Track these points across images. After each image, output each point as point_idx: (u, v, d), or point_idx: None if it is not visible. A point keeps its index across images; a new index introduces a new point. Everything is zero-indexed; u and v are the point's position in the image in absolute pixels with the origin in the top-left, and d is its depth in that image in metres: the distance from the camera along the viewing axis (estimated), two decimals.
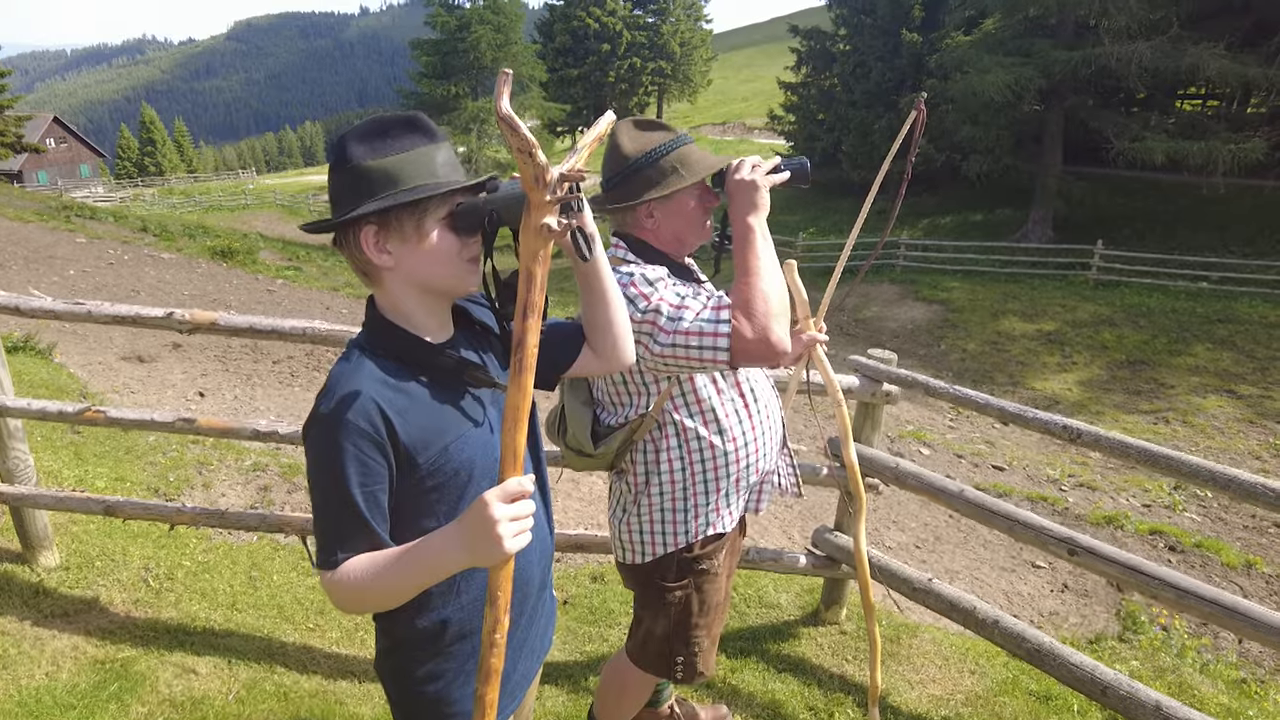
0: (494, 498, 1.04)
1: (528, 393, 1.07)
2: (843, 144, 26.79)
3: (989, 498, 2.47)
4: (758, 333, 1.51)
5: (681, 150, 1.70)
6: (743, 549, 3.00)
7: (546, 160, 1.00)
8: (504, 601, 1.08)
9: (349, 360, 1.20)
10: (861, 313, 18.58)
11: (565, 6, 47.33)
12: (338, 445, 1.12)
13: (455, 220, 1.19)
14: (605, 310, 1.36)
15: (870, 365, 2.73)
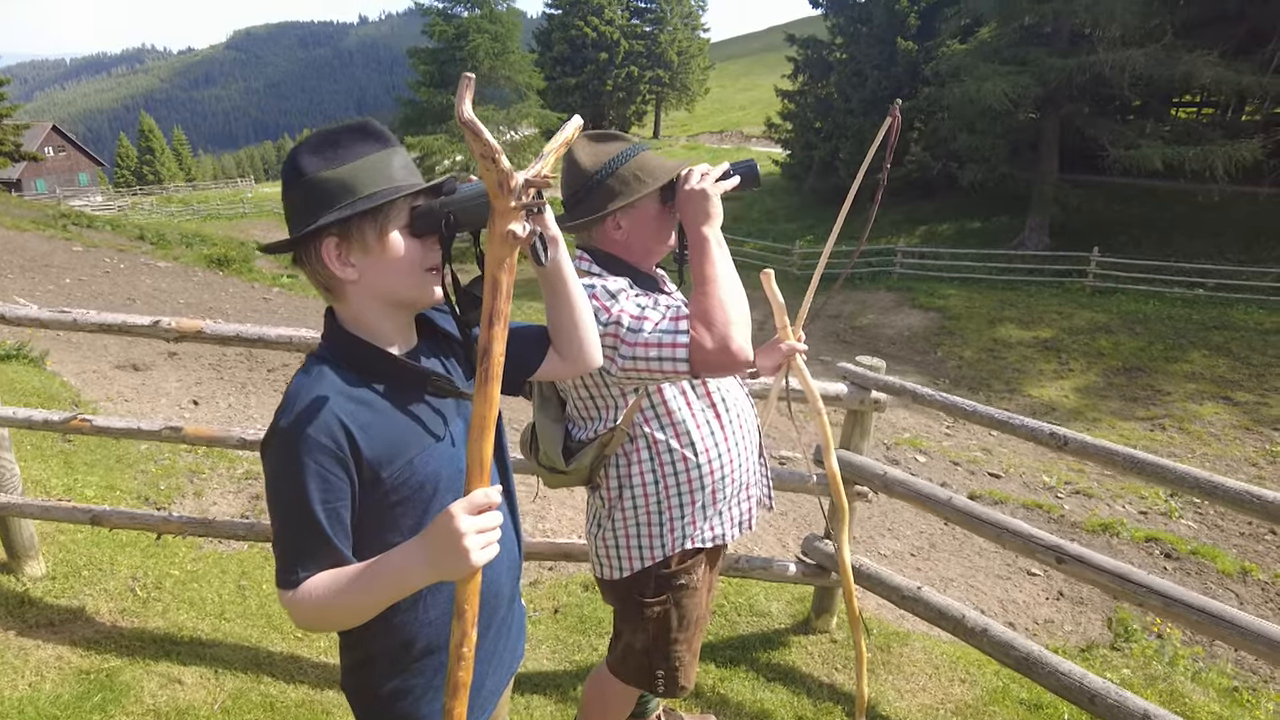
0: (460, 510, 1.02)
1: (494, 402, 1.05)
2: (840, 151, 26.87)
3: (977, 505, 2.46)
4: (717, 342, 1.48)
5: (639, 158, 1.70)
6: (732, 557, 2.99)
7: (511, 166, 0.99)
8: (471, 615, 1.06)
9: (309, 373, 1.17)
10: (858, 320, 18.59)
11: (563, 15, 47.56)
12: (298, 461, 1.10)
13: (414, 223, 1.17)
14: (570, 313, 1.34)
15: (858, 372, 2.72)
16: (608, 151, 1.69)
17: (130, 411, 6.79)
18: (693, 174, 1.63)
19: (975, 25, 22.45)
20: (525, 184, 1.01)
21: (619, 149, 1.69)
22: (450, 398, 1.26)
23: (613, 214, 1.69)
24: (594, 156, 1.69)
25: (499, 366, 1.05)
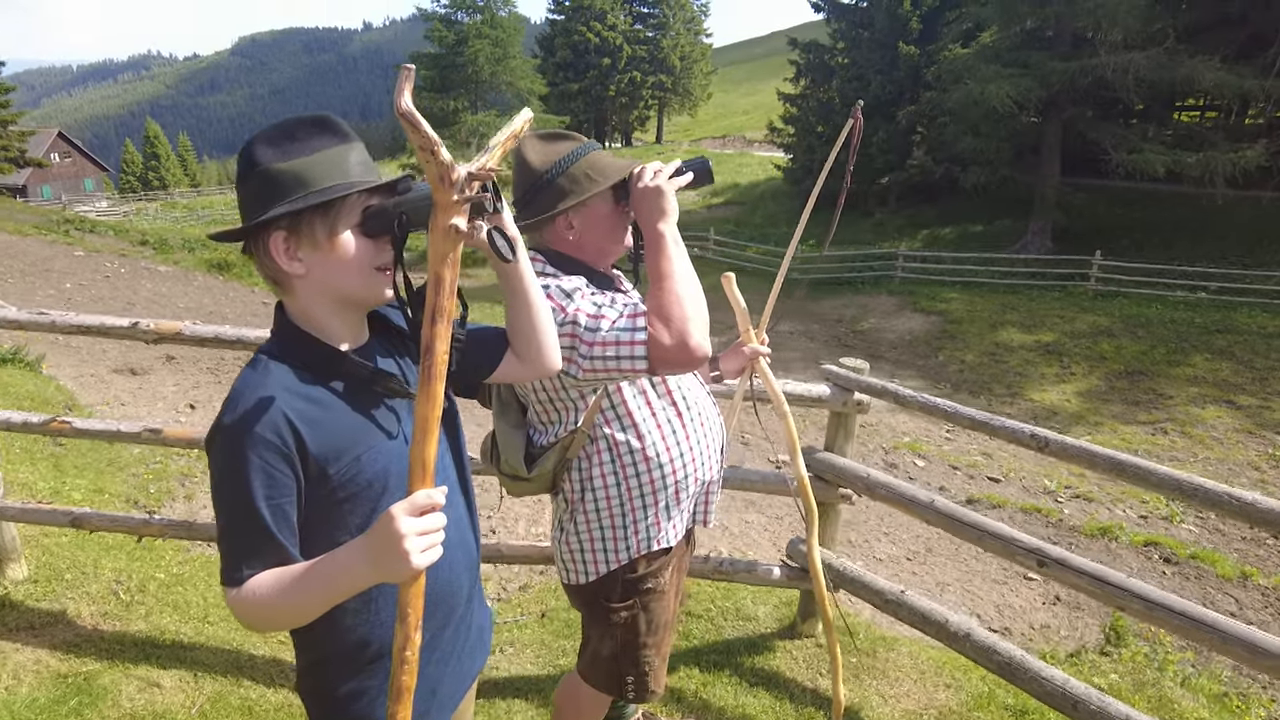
0: (401, 511, 1.00)
1: (437, 401, 1.03)
2: None
3: (959, 509, 2.43)
4: (675, 338, 1.46)
5: (590, 156, 1.68)
6: (716, 559, 2.97)
7: (452, 159, 0.98)
8: (414, 619, 1.05)
9: (255, 368, 1.16)
10: (859, 324, 18.56)
11: (566, 21, 47.71)
12: (242, 457, 1.08)
13: (365, 223, 1.16)
14: (529, 314, 1.33)
15: (841, 374, 2.70)
16: (558, 151, 1.67)
17: (126, 415, 6.79)
18: (645, 171, 1.61)
19: (977, 29, 22.45)
20: (468, 177, 0.99)
21: (569, 148, 1.67)
22: (397, 398, 1.25)
23: (564, 214, 1.67)
24: (543, 156, 1.67)
25: (443, 365, 1.03)
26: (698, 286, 1.53)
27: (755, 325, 2.06)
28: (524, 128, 1.10)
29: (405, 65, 0.93)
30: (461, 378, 1.42)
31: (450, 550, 1.31)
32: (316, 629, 1.23)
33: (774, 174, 32.37)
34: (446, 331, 1.02)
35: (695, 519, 1.92)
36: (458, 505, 1.37)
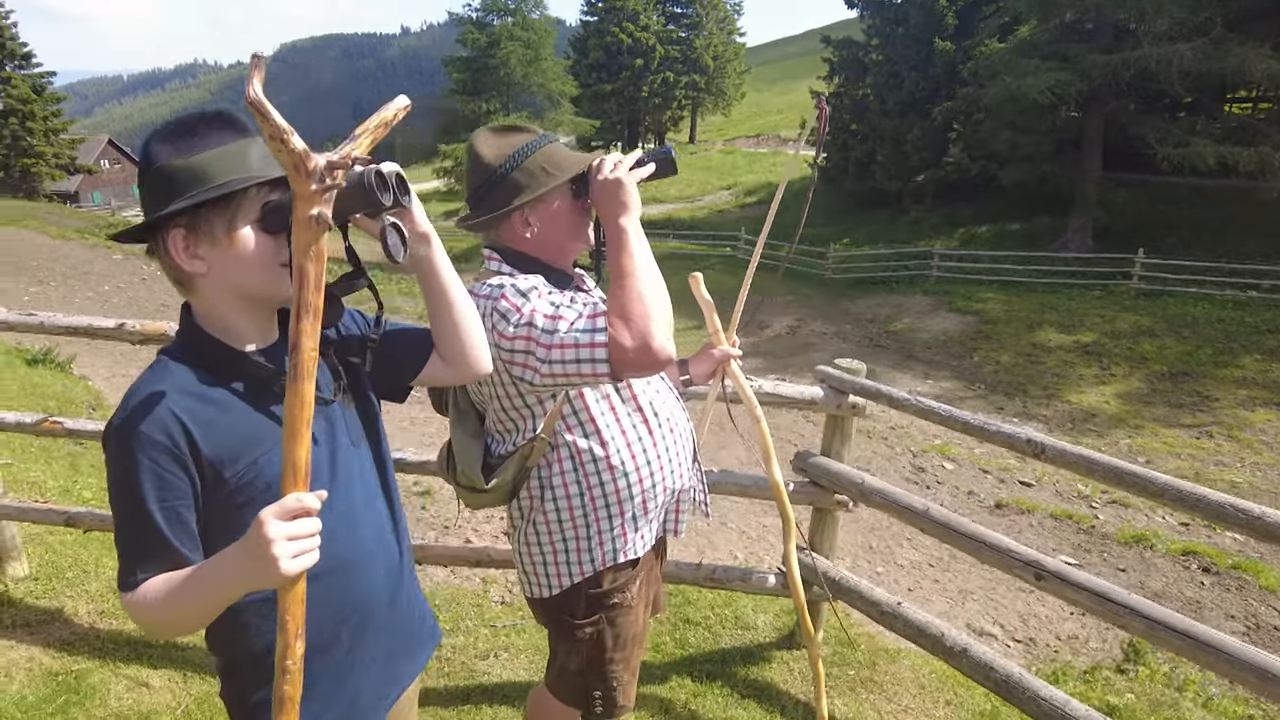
0: (270, 516, 0.96)
1: (306, 401, 0.99)
2: (877, 154, 26.48)
3: (956, 517, 2.31)
4: (636, 339, 1.36)
5: (547, 149, 1.59)
6: (709, 567, 2.88)
7: (305, 146, 0.93)
8: (293, 626, 1.00)
9: (154, 369, 1.13)
10: (892, 324, 18.27)
11: (599, 22, 47.79)
12: (132, 458, 1.05)
13: (264, 219, 1.12)
14: (448, 314, 1.29)
15: (835, 375, 2.59)
16: (512, 144, 1.59)
17: None
18: (604, 163, 1.52)
19: (1014, 23, 21.93)
20: (328, 166, 0.94)
21: (524, 140, 1.59)
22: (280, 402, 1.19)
23: (520, 210, 1.59)
24: (497, 150, 1.59)
25: (310, 363, 0.98)
26: (661, 284, 1.44)
27: (725, 326, 1.97)
28: (397, 115, 1.05)
29: (256, 54, 0.89)
30: (384, 380, 1.37)
31: (368, 556, 1.26)
32: (225, 634, 1.20)
33: (807, 172, 32.02)
34: (314, 328, 0.98)
35: (665, 529, 1.83)
36: (378, 511, 1.32)
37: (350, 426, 1.29)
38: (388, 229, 1.12)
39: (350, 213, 1.10)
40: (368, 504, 1.29)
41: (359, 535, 1.25)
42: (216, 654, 1.26)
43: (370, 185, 1.04)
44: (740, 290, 2.02)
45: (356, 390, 1.33)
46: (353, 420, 1.30)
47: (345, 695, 1.28)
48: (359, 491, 1.27)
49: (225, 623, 1.16)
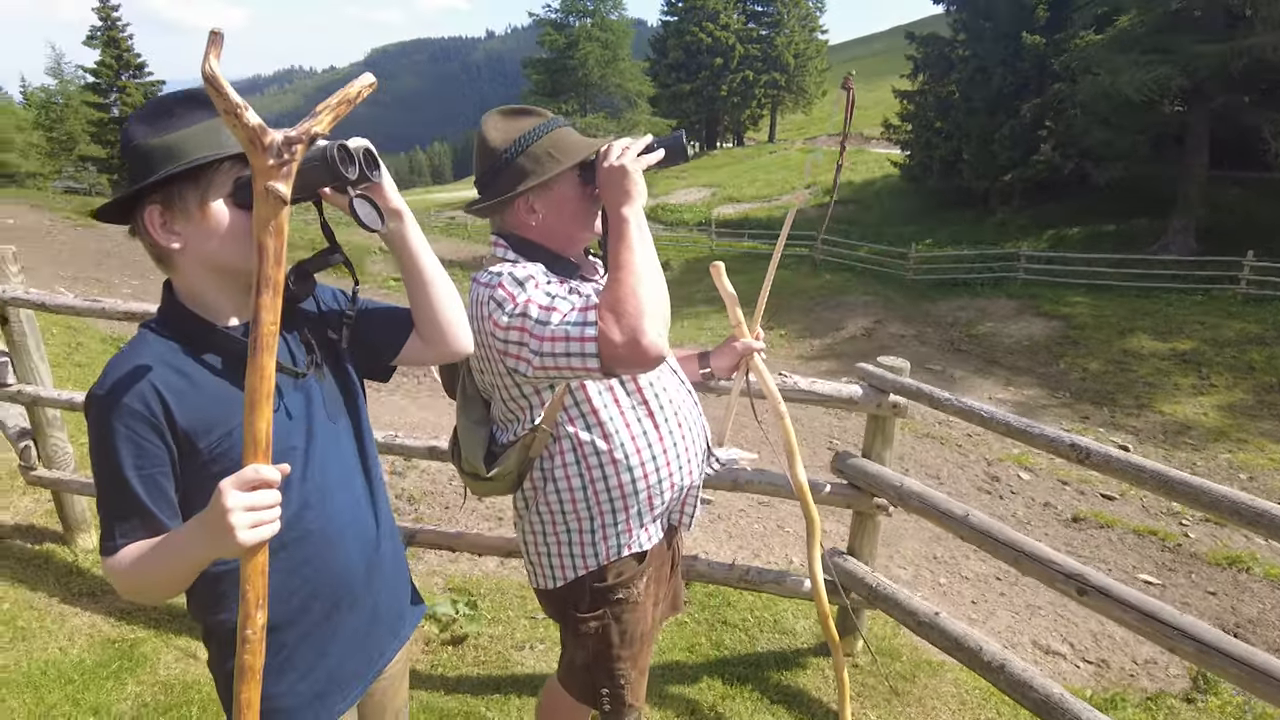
0: (229, 486, 0.97)
1: (265, 374, 0.99)
2: (963, 152, 25.57)
3: (995, 523, 2.18)
4: (626, 335, 1.32)
5: (555, 134, 1.55)
6: (742, 568, 2.81)
7: (259, 121, 0.93)
8: (253, 596, 1.01)
9: (134, 342, 1.15)
10: (975, 328, 17.59)
11: (678, 22, 47.81)
12: (110, 427, 1.07)
13: (236, 193, 1.13)
14: (423, 292, 1.29)
15: (876, 374, 2.48)
16: (519, 128, 1.55)
17: None
18: (612, 149, 1.47)
19: (1113, 14, 20.78)
20: (285, 141, 0.94)
21: (532, 124, 1.55)
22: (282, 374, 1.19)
23: (524, 196, 1.55)
24: (504, 134, 1.55)
25: (270, 336, 0.99)
26: (659, 279, 1.38)
27: (749, 318, 1.90)
28: (360, 93, 1.04)
29: (214, 30, 0.89)
30: (364, 358, 1.38)
31: (341, 529, 1.27)
32: (203, 602, 1.22)
33: (891, 171, 31.24)
34: (273, 302, 0.98)
35: (672, 521, 1.78)
36: (355, 486, 1.32)
37: (329, 402, 1.29)
38: (355, 200, 1.12)
39: (316, 187, 1.11)
40: (344, 479, 1.30)
41: (332, 508, 1.26)
42: (199, 621, 1.28)
43: (333, 159, 1.05)
44: (763, 281, 1.96)
45: (336, 366, 1.33)
46: (332, 396, 1.31)
47: (325, 666, 1.29)
48: (335, 466, 1.28)
49: (203, 591, 1.18)
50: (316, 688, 1.29)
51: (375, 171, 1.15)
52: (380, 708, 1.51)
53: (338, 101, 1.01)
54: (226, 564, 1.15)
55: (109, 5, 37.21)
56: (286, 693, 1.27)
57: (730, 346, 1.93)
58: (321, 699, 1.31)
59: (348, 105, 1.02)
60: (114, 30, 37.49)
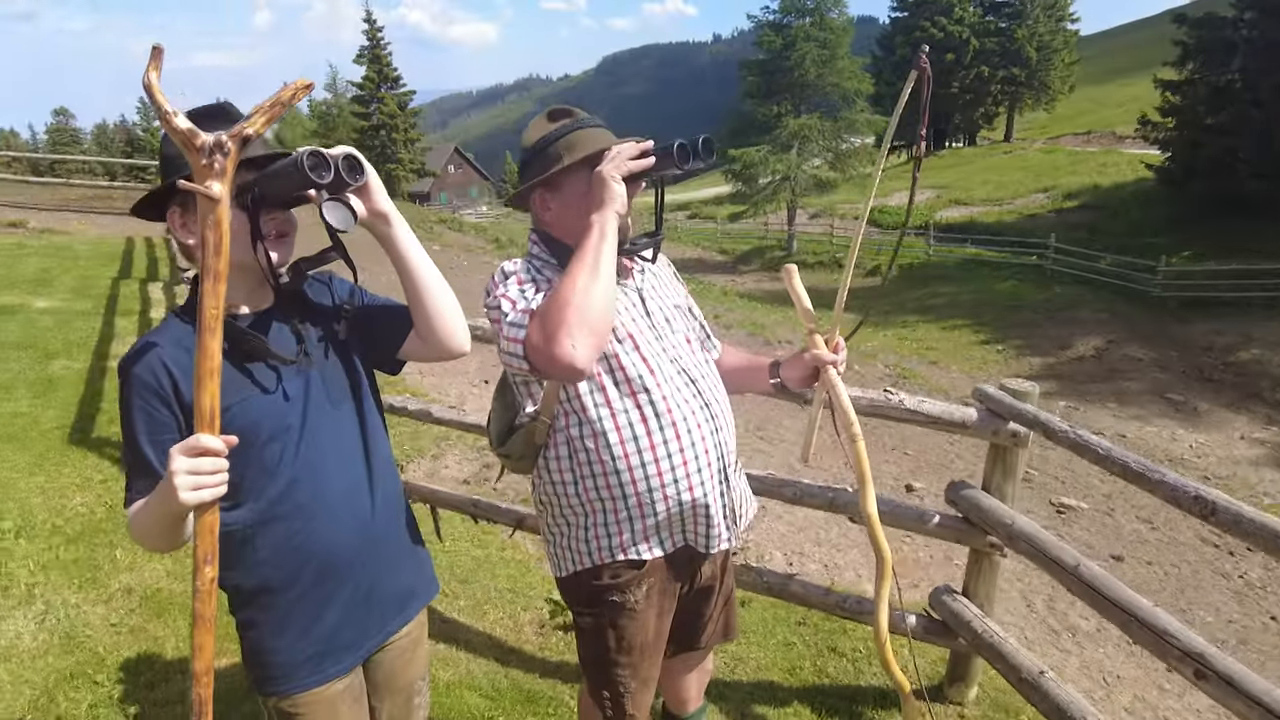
0: (175, 452, 1.10)
1: (208, 353, 1.10)
2: (1238, 150, 22.02)
3: (1108, 578, 1.87)
4: (542, 342, 1.34)
5: (575, 134, 1.56)
6: (838, 594, 2.65)
7: (190, 126, 1.03)
8: (201, 551, 1.14)
9: (161, 324, 1.32)
10: (1235, 355, 15.20)
11: (908, 18, 45.49)
12: (127, 398, 1.26)
13: (236, 196, 1.23)
14: (414, 291, 1.37)
15: (994, 396, 2.24)
16: (547, 128, 1.59)
17: (432, 386, 7.99)
18: (610, 151, 1.47)
19: None
20: (215, 143, 1.04)
21: (562, 125, 1.58)
22: (260, 359, 1.33)
23: (539, 191, 1.60)
24: (535, 132, 1.61)
25: (211, 318, 1.09)
26: (600, 290, 1.37)
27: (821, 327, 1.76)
28: (294, 95, 1.11)
29: (156, 45, 1.01)
30: (368, 352, 1.49)
31: (331, 507, 1.38)
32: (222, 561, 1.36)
33: (1144, 175, 27.67)
34: (215, 289, 1.09)
35: (685, 540, 1.70)
36: (353, 470, 1.42)
37: (331, 389, 1.41)
38: (325, 204, 1.21)
39: (291, 190, 1.22)
40: (341, 461, 1.41)
41: (324, 486, 1.36)
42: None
43: (302, 165, 1.14)
44: (841, 285, 1.80)
45: (343, 356, 1.45)
46: (335, 383, 1.42)
47: (321, 631, 1.41)
48: (331, 448, 1.38)
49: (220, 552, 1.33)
50: (312, 649, 1.42)
51: (356, 176, 1.23)
52: (391, 677, 1.61)
53: (270, 104, 1.09)
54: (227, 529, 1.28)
55: (375, 27, 42.45)
56: (285, 649, 1.40)
57: (801, 357, 1.81)
58: (317, 660, 1.43)
59: (281, 107, 1.10)
60: (378, 49, 42.78)
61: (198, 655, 1.19)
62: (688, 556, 1.73)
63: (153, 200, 1.31)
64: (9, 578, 2.98)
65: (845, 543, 5.60)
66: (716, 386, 1.71)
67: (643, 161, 1.46)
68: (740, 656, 3.07)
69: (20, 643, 2.66)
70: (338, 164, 1.19)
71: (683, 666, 2.07)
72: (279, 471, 1.33)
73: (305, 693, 1.43)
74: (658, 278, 1.77)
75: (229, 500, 1.30)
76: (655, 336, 1.63)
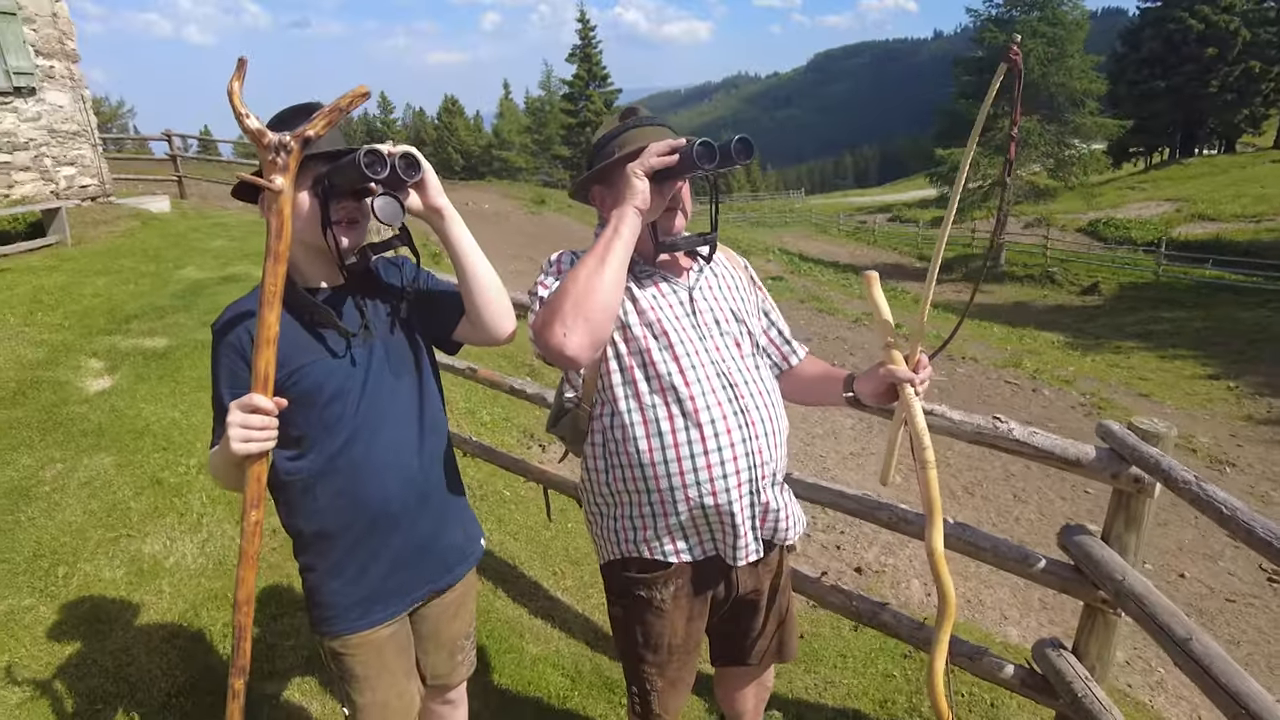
0: (233, 407, 1.26)
1: (266, 325, 1.24)
2: None
3: (1226, 661, 1.59)
4: (540, 328, 1.41)
5: (631, 132, 1.57)
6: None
7: (259, 126, 1.17)
8: (249, 496, 1.29)
9: (249, 293, 1.48)
10: None
11: (1160, 8, 40.60)
12: (215, 356, 1.44)
13: (313, 186, 1.39)
14: (465, 280, 1.48)
15: (1117, 434, 1.98)
16: (610, 126, 1.64)
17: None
18: (647, 148, 1.47)
19: None
20: (279, 143, 1.17)
21: (625, 124, 1.62)
22: (330, 328, 1.47)
23: (596, 186, 1.64)
24: (603, 129, 1.66)
25: (271, 293, 1.23)
26: (606, 283, 1.40)
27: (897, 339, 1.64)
28: (350, 103, 1.20)
29: (241, 58, 1.14)
30: (426, 330, 1.62)
31: (383, 465, 1.52)
32: (281, 508, 1.54)
33: None
34: (276, 269, 1.22)
35: (716, 550, 1.67)
36: (406, 435, 1.55)
37: (393, 360, 1.54)
38: (377, 198, 1.33)
39: (351, 184, 1.35)
40: (397, 426, 1.54)
41: (377, 446, 1.50)
42: None
43: (359, 161, 1.25)
44: (923, 296, 1.65)
45: (408, 333, 1.58)
46: (399, 356, 1.56)
47: (370, 579, 1.56)
48: (387, 412, 1.52)
49: (280, 501, 1.53)
50: (360, 594, 1.56)
51: (412, 173, 1.35)
52: (436, 632, 1.75)
53: (330, 110, 1.21)
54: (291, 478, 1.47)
55: (588, 26, 44.39)
56: (337, 591, 1.55)
57: (875, 372, 1.69)
58: (365, 605, 1.57)
59: (339, 112, 1.22)
60: (589, 48, 44.68)
61: (240, 586, 1.35)
62: (719, 566, 1.70)
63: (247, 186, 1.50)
64: (185, 507, 3.48)
65: (996, 579, 5.16)
66: (761, 394, 1.65)
67: (665, 159, 1.45)
68: (832, 680, 2.95)
69: (184, 562, 3.10)
70: (394, 161, 1.31)
71: (736, 680, 2.04)
72: (338, 428, 1.47)
73: (354, 635, 1.57)
74: (719, 279, 1.74)
75: (294, 451, 1.47)
76: (698, 337, 1.61)
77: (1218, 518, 1.62)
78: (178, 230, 10.98)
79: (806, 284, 20.79)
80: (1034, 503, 6.75)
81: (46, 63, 11.12)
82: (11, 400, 4.49)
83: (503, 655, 2.87)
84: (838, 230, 41.10)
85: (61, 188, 11.28)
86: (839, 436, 8.16)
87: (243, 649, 1.39)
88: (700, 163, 1.40)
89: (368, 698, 1.61)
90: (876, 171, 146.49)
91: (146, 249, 9.54)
